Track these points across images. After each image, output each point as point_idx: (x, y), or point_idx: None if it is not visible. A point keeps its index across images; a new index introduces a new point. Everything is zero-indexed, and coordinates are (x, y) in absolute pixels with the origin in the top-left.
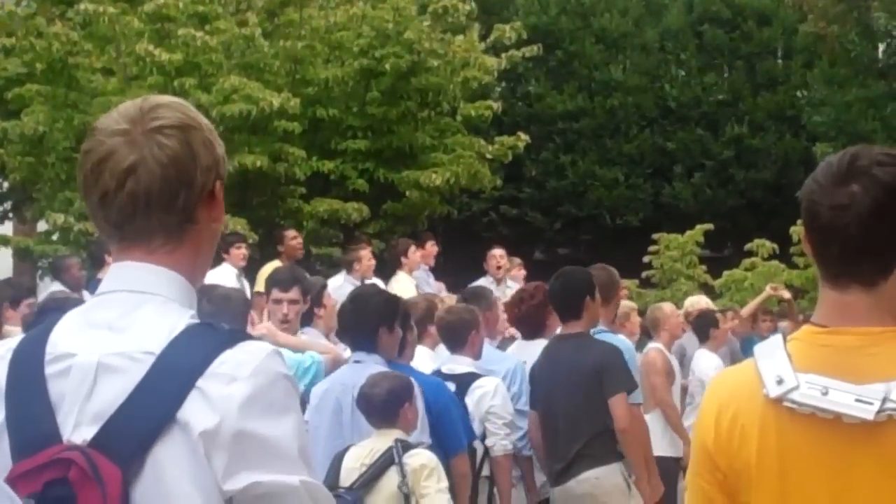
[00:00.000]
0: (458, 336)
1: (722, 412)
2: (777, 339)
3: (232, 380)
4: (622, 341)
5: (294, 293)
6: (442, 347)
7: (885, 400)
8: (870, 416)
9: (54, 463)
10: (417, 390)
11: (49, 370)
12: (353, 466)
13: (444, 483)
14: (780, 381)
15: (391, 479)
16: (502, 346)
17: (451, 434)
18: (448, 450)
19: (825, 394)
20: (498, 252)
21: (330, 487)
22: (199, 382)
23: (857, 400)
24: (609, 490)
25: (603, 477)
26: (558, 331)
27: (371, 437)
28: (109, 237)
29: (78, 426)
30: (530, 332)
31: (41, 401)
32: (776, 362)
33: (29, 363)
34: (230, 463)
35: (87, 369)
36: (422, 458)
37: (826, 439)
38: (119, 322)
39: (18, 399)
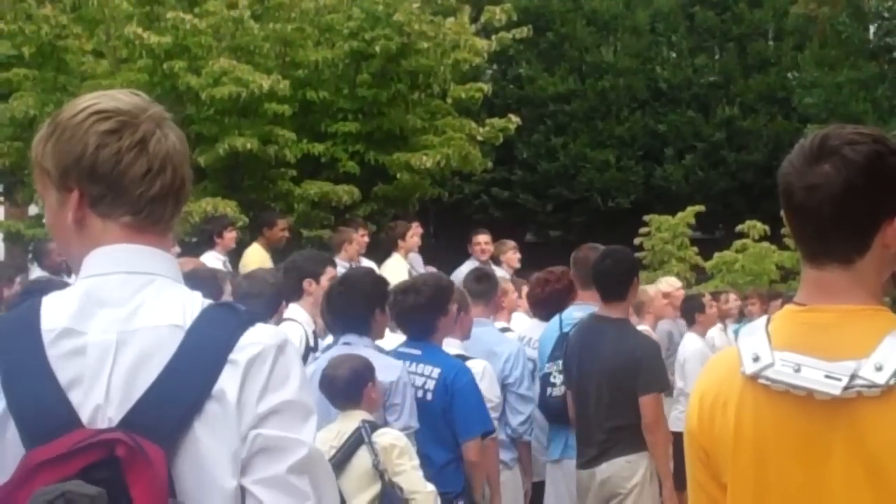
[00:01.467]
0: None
1: (705, 394)
2: (762, 319)
3: (260, 346)
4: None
5: None
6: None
7: (853, 377)
8: (836, 392)
9: (91, 447)
10: (432, 378)
11: (55, 351)
12: (321, 450)
13: (416, 461)
14: (756, 359)
15: (363, 458)
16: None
17: (464, 418)
18: (459, 433)
19: (797, 370)
20: (483, 238)
21: None
22: (231, 356)
23: (827, 376)
24: (636, 477)
25: (634, 462)
26: (596, 309)
27: (336, 420)
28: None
29: (103, 405)
30: (547, 315)
31: (49, 384)
32: (755, 341)
33: (24, 347)
34: (259, 418)
35: (105, 347)
36: (390, 437)
37: (799, 416)
38: (131, 300)
39: (21, 385)
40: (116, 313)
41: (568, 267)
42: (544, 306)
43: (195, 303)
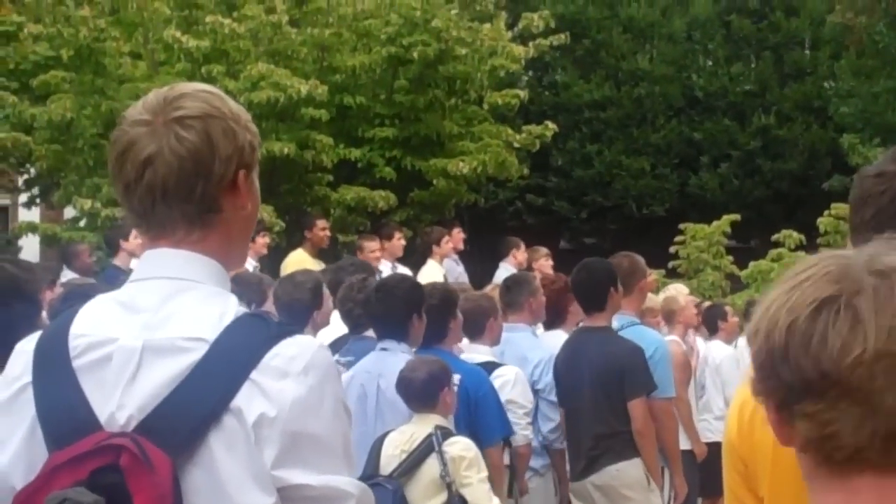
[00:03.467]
0: (476, 323)
1: (745, 404)
2: None
3: (285, 374)
4: (653, 335)
5: None
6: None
7: None
8: None
9: (101, 450)
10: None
11: (85, 358)
12: (392, 454)
13: (485, 472)
14: None
15: (431, 467)
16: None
17: (488, 425)
18: (483, 440)
19: None
20: (521, 250)
21: (370, 475)
22: (254, 374)
23: None
24: (629, 483)
25: (623, 469)
26: (581, 323)
27: (410, 422)
28: (137, 226)
29: (120, 409)
30: (551, 320)
31: (72, 389)
32: None
33: (53, 353)
34: (280, 454)
35: (130, 353)
36: (460, 447)
37: None
38: (162, 308)
39: (47, 390)
40: (147, 320)
41: (565, 273)
42: (547, 310)
43: (228, 313)
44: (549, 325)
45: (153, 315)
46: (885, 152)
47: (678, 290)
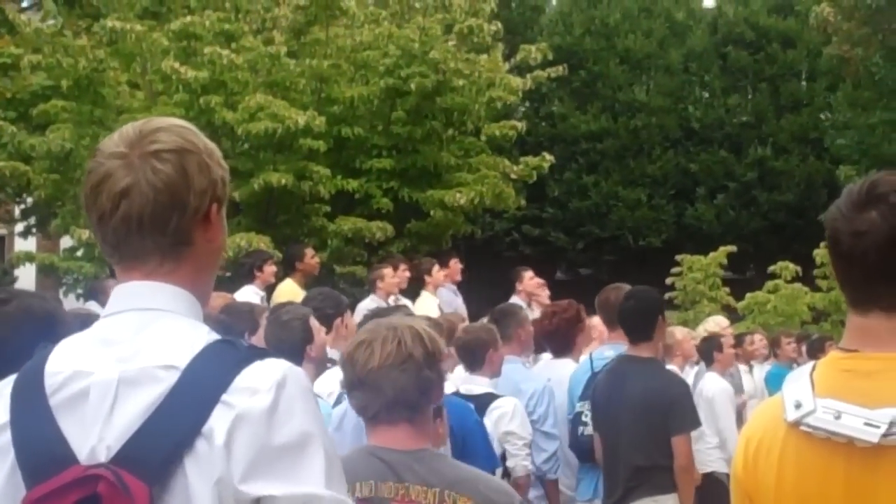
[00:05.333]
0: (475, 355)
1: (750, 439)
2: (807, 365)
3: (254, 392)
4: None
5: None
6: (459, 369)
7: (892, 424)
8: (875, 440)
9: (80, 482)
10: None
11: (61, 394)
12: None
13: None
14: (798, 406)
15: None
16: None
17: (477, 458)
18: None
19: (838, 418)
20: (529, 275)
21: None
22: (224, 396)
23: (866, 423)
24: None
25: (660, 502)
26: (625, 350)
27: None
28: (110, 257)
29: (100, 442)
30: (559, 349)
31: (49, 425)
32: (799, 387)
33: (29, 391)
34: (248, 469)
35: (107, 387)
36: None
37: (841, 463)
38: (135, 338)
39: (24, 427)
40: (121, 352)
41: (574, 300)
42: (555, 339)
43: (199, 340)
44: (558, 354)
45: (127, 346)
46: None
47: (718, 323)
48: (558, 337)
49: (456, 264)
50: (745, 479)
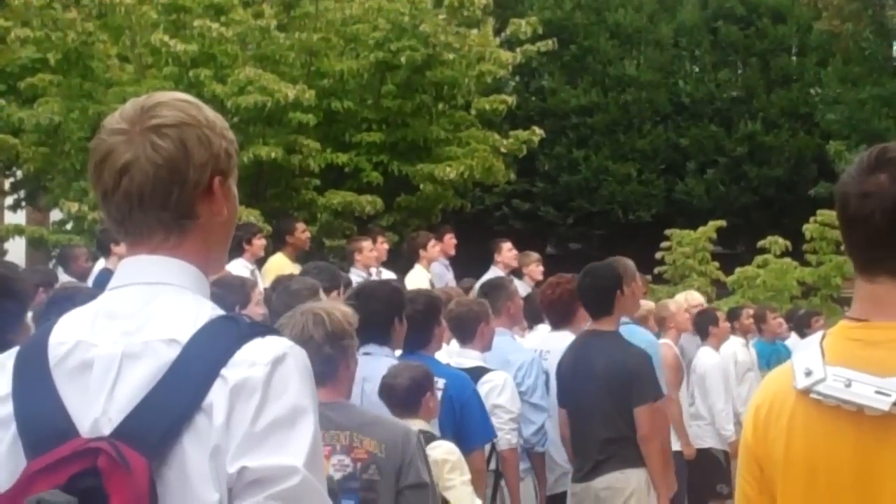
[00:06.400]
0: (467, 328)
1: (760, 407)
2: (817, 335)
3: (252, 364)
4: (645, 335)
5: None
6: (454, 342)
7: None
8: (885, 408)
9: (79, 454)
10: (438, 388)
11: (64, 366)
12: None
13: (468, 476)
14: (808, 374)
15: None
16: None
17: (472, 429)
18: (467, 444)
19: (848, 386)
20: (507, 245)
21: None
22: (223, 371)
23: (877, 392)
24: (630, 489)
25: (627, 475)
26: (587, 325)
27: None
28: (116, 233)
29: (103, 415)
30: (559, 321)
31: (50, 397)
32: (809, 355)
33: (33, 362)
34: (241, 442)
35: (111, 360)
36: (444, 451)
37: (850, 431)
38: (140, 312)
39: (26, 399)
40: (126, 325)
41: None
42: (555, 309)
43: (202, 315)
44: (557, 326)
45: (131, 320)
46: None
47: (688, 301)
48: (560, 307)
49: (450, 238)
50: (755, 445)
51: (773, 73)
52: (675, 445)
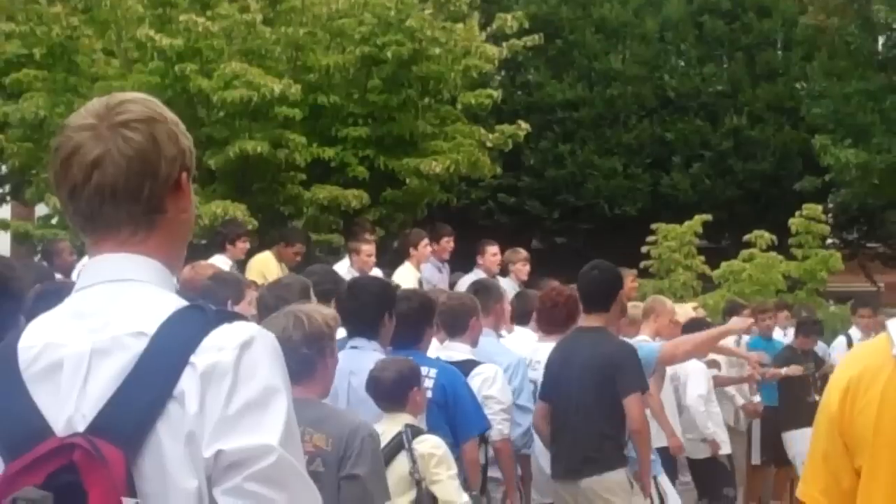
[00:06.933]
0: (458, 321)
1: (850, 378)
2: None
3: (220, 349)
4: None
5: None
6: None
7: None
8: None
9: (55, 452)
10: (430, 378)
11: (34, 367)
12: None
13: (454, 470)
14: None
15: (401, 464)
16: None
17: (464, 420)
18: (460, 436)
19: None
20: (493, 249)
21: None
22: (192, 358)
23: None
24: (613, 487)
25: (608, 477)
26: (581, 322)
27: (381, 421)
28: (82, 229)
29: (76, 412)
30: (552, 328)
31: (23, 399)
32: None
33: (3, 366)
34: (215, 428)
35: (80, 357)
36: (430, 445)
37: None
38: (106, 309)
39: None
40: (92, 323)
41: (549, 268)
42: (553, 317)
43: (167, 306)
44: (548, 333)
45: (98, 318)
46: (856, 153)
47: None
48: (557, 315)
49: (447, 242)
50: (839, 417)
51: (758, 68)
52: (660, 441)
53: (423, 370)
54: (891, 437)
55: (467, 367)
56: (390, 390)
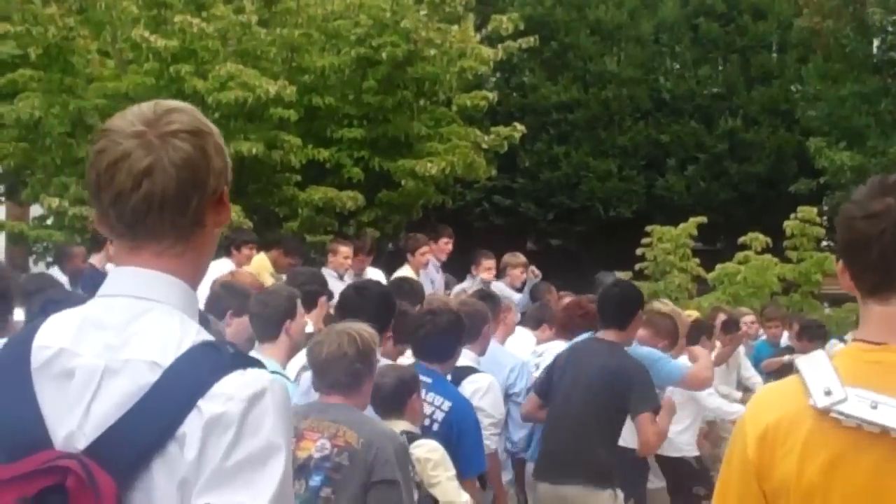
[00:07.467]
0: (472, 328)
1: (767, 424)
2: (820, 353)
3: (229, 398)
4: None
5: None
6: None
7: None
8: None
9: (49, 470)
10: (442, 410)
11: (47, 370)
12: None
13: (453, 471)
14: (828, 393)
15: None
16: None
17: (466, 458)
18: (463, 472)
19: (874, 408)
20: (490, 263)
21: None
22: (200, 402)
23: None
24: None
25: (592, 495)
26: (598, 334)
27: None
28: (121, 237)
29: (79, 429)
30: (568, 335)
31: (28, 403)
32: (823, 374)
33: (13, 363)
34: (209, 477)
35: (92, 372)
36: (427, 449)
37: (871, 453)
38: (126, 328)
39: (3, 400)
40: (110, 339)
41: (543, 269)
42: (572, 325)
43: (186, 339)
44: (562, 337)
45: (116, 335)
46: (851, 155)
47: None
48: (577, 324)
49: (445, 244)
50: (757, 463)
51: (753, 70)
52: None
53: (438, 399)
54: (814, 488)
55: (464, 373)
56: (390, 397)
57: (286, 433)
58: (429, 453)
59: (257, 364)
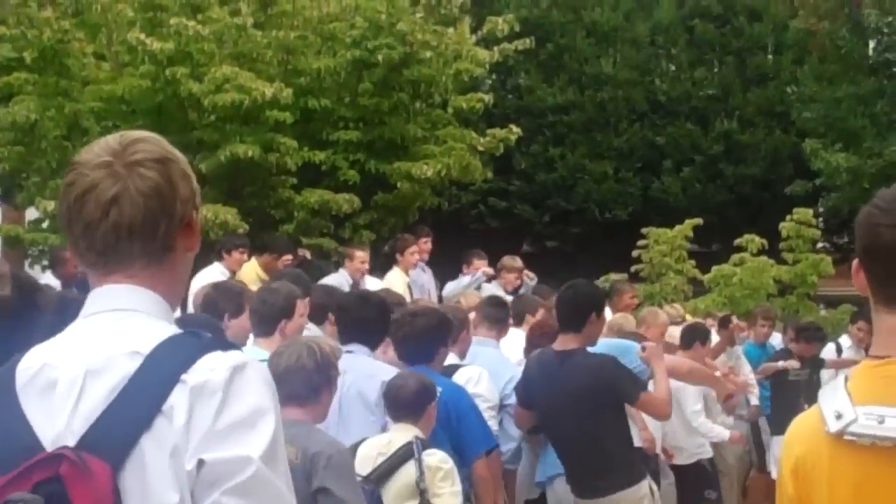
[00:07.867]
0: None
1: (798, 456)
2: (839, 379)
3: (212, 369)
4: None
5: None
6: None
7: None
8: None
9: (42, 462)
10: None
11: (30, 387)
12: (369, 454)
13: (458, 487)
14: (838, 417)
15: (408, 472)
16: None
17: (471, 437)
18: (468, 453)
19: (881, 422)
20: (483, 263)
21: None
22: (184, 376)
23: None
24: (640, 500)
25: (625, 496)
26: (556, 345)
27: (390, 430)
28: (92, 265)
29: (67, 429)
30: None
31: (16, 416)
32: (836, 400)
33: (1, 385)
34: (200, 443)
35: (74, 378)
36: (438, 459)
37: (889, 467)
38: (106, 332)
39: None
40: (90, 346)
41: (539, 272)
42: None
43: (165, 331)
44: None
45: (96, 341)
46: (847, 157)
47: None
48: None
49: (425, 243)
50: (797, 498)
51: (749, 72)
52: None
53: None
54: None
55: (450, 370)
56: (411, 402)
57: (273, 400)
58: (440, 463)
59: (236, 348)
